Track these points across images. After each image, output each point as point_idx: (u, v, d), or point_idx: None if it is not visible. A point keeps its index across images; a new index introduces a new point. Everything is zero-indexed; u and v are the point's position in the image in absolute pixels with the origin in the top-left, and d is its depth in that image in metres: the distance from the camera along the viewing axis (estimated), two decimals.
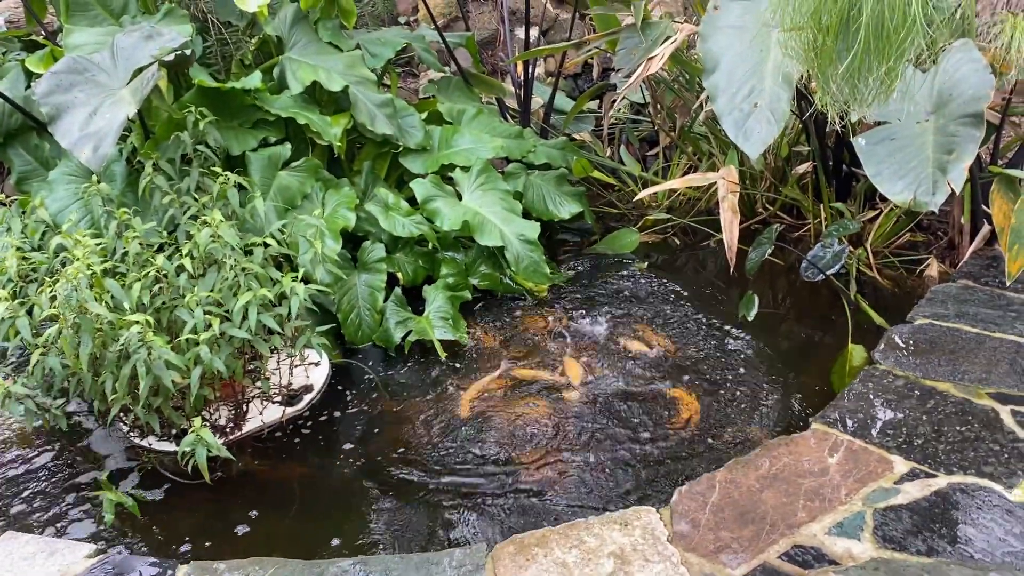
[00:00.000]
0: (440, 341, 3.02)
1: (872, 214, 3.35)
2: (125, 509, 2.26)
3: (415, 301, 3.20)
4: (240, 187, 2.76)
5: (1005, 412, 2.26)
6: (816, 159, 3.44)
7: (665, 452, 2.47)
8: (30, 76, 3.19)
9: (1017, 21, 2.67)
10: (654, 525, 1.97)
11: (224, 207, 2.65)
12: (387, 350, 3.05)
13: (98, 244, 2.35)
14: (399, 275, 3.24)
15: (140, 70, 2.71)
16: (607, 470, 2.41)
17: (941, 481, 2.03)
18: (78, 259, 2.15)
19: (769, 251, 3.05)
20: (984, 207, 3.06)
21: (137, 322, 2.06)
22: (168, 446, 2.41)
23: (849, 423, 2.27)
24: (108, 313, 2.10)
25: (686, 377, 2.80)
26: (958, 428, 2.21)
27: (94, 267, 2.16)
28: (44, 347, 2.17)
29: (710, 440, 2.51)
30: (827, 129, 3.46)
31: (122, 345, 2.08)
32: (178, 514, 2.32)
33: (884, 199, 2.74)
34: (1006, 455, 2.10)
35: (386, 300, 3.10)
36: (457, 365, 2.96)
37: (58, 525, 2.29)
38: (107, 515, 2.21)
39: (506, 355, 2.99)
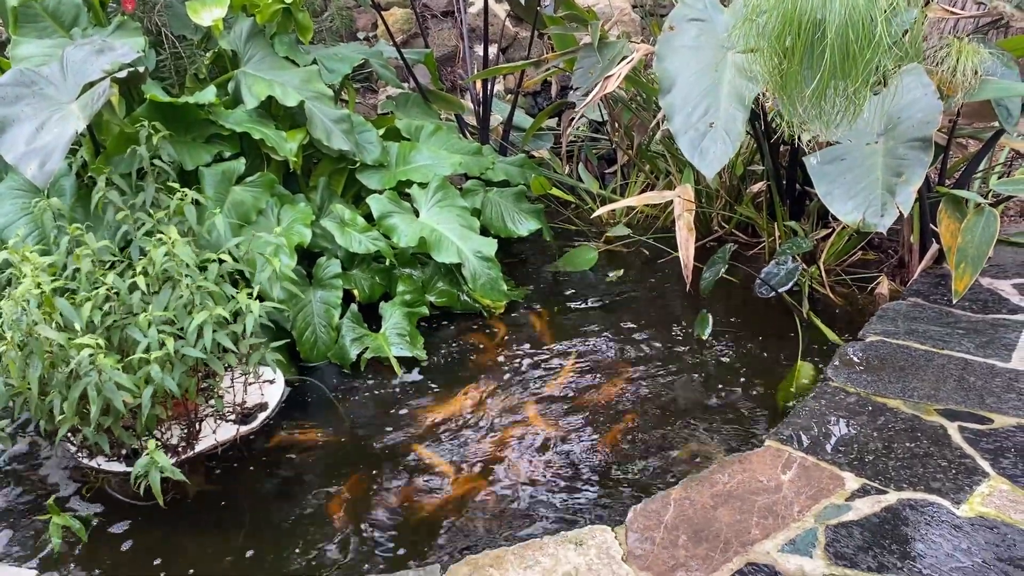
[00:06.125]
0: (397, 358, 3.00)
1: (825, 233, 3.41)
2: (72, 532, 2.20)
3: (371, 318, 3.18)
4: (197, 203, 2.72)
5: (953, 428, 2.31)
6: (770, 178, 3.49)
7: (618, 470, 2.47)
8: None
9: (963, 46, 2.74)
10: (609, 544, 1.96)
11: (180, 223, 2.60)
12: (342, 367, 3.02)
13: (47, 261, 2.29)
14: (355, 292, 3.21)
15: (91, 84, 2.67)
16: (561, 488, 2.40)
17: (891, 497, 2.06)
18: (26, 277, 2.09)
19: (723, 270, 3.09)
20: (932, 226, 3.13)
21: (87, 345, 2.01)
22: (118, 466, 2.35)
23: (802, 440, 2.29)
24: (58, 336, 2.04)
25: (640, 395, 2.81)
26: (908, 444, 2.25)
27: (44, 286, 2.11)
28: None
29: (664, 457, 2.52)
30: (781, 149, 3.52)
31: (72, 367, 2.03)
32: (126, 536, 2.26)
33: (836, 218, 2.80)
34: (954, 471, 2.14)
35: (342, 317, 3.07)
36: (414, 381, 2.94)
37: (1, 549, 2.22)
38: (54, 539, 2.14)
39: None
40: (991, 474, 2.12)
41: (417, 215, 3.46)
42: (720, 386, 2.84)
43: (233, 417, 2.57)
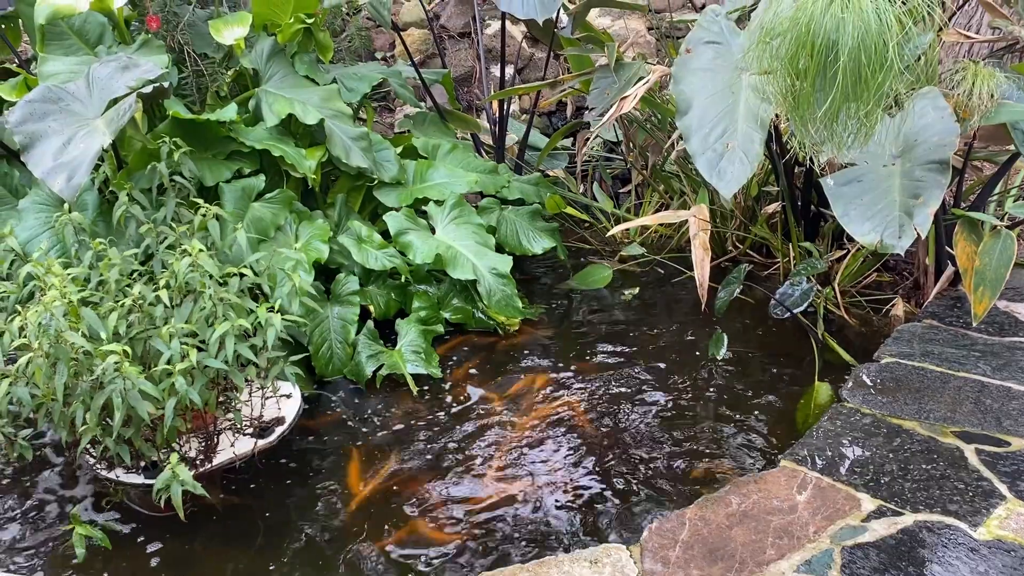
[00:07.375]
0: (412, 375, 3.02)
1: (840, 254, 3.41)
2: (94, 543, 2.22)
3: (387, 334, 3.20)
4: (218, 218, 2.76)
5: (969, 451, 2.30)
6: (785, 199, 3.50)
7: (633, 488, 2.47)
8: (2, 104, 3.17)
9: (978, 69, 2.76)
10: (624, 563, 1.97)
11: (203, 238, 2.64)
12: (357, 383, 3.03)
13: (69, 273, 2.32)
14: (371, 308, 3.23)
15: (116, 100, 2.71)
16: (575, 506, 2.41)
17: (907, 519, 2.05)
18: (54, 287, 2.12)
19: (738, 290, 3.09)
20: (948, 249, 3.13)
21: (114, 352, 2.04)
22: (136, 478, 2.37)
23: (817, 461, 2.29)
24: (85, 343, 2.07)
25: (655, 413, 2.81)
26: (924, 466, 2.24)
27: (70, 296, 2.14)
28: (13, 376, 2.13)
29: (680, 476, 2.52)
30: (795, 170, 3.53)
31: (96, 376, 2.05)
32: (147, 548, 2.28)
33: (851, 239, 2.80)
34: (971, 493, 2.13)
35: (358, 333, 3.10)
36: (428, 398, 2.95)
37: (23, 560, 2.24)
38: (78, 549, 2.16)
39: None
40: (1009, 497, 2.11)
41: (433, 232, 3.48)
42: (734, 406, 2.84)
43: (251, 431, 2.59)
